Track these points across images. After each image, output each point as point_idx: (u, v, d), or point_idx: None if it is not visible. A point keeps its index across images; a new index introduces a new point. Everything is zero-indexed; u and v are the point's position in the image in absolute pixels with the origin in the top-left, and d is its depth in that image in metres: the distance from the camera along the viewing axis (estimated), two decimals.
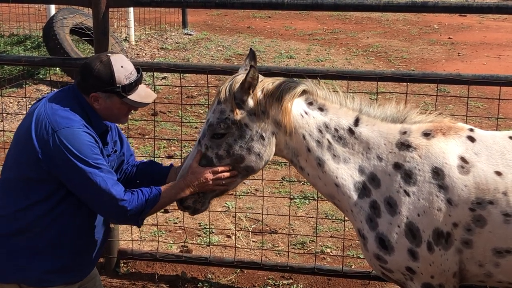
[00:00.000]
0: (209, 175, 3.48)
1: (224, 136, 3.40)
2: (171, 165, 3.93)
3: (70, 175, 3.39)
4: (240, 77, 3.45)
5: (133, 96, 3.51)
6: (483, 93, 9.76)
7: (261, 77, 3.47)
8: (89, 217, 3.57)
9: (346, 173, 3.45)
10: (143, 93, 3.56)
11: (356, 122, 3.48)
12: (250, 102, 3.40)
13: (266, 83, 3.44)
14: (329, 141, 3.45)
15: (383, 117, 3.51)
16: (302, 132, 3.44)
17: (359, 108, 3.52)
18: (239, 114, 3.38)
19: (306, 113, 3.46)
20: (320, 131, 3.45)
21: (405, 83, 4.89)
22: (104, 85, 3.46)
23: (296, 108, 3.44)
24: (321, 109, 3.49)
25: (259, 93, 3.41)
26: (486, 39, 13.90)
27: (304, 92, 3.48)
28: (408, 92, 4.80)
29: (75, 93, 3.55)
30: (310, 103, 3.49)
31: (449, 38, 14.03)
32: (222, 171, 3.48)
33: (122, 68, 3.48)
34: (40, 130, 3.40)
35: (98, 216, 3.62)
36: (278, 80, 3.48)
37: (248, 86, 3.37)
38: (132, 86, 3.50)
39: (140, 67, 3.67)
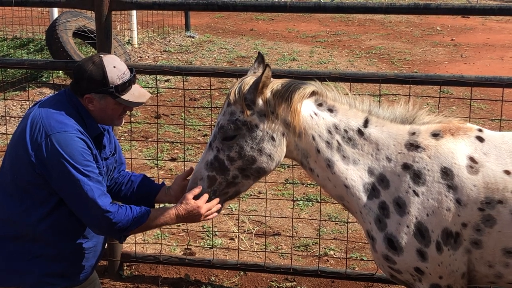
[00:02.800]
0: (202, 210, 3.49)
1: (235, 138, 3.41)
2: (163, 183, 3.91)
3: (59, 180, 3.38)
4: (249, 78, 3.46)
5: (126, 96, 3.50)
6: (486, 94, 9.75)
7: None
8: None
9: (356, 174, 3.46)
10: (136, 93, 3.55)
11: (366, 123, 3.48)
12: (260, 103, 3.41)
13: (275, 84, 3.45)
14: (338, 142, 3.46)
15: (392, 118, 3.51)
16: (311, 133, 3.45)
17: (369, 109, 3.52)
18: (249, 115, 3.39)
19: (315, 114, 3.47)
20: (330, 132, 3.46)
21: (408, 85, 4.89)
22: (97, 86, 3.45)
23: (306, 109, 3.45)
24: (330, 110, 3.49)
25: (268, 94, 3.42)
26: (489, 41, 13.89)
27: (313, 93, 3.49)
28: (411, 94, 4.80)
29: (70, 96, 3.54)
30: (320, 104, 3.50)
31: (452, 39, 14.02)
32: (213, 206, 3.51)
33: (115, 68, 3.47)
34: (34, 133, 3.40)
35: None
36: (287, 81, 3.48)
37: (262, 85, 3.38)
38: (125, 86, 3.49)
39: (134, 68, 3.67)
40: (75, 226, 3.53)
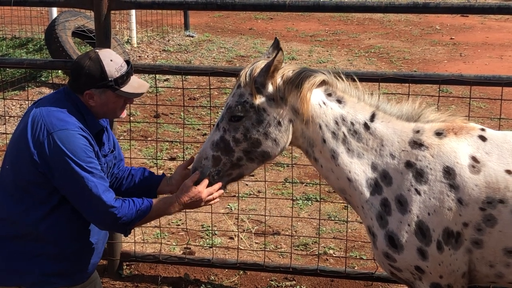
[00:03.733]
0: (203, 195, 3.51)
1: (241, 119, 3.42)
2: (163, 174, 3.92)
3: (63, 178, 3.38)
4: (261, 62, 3.47)
5: (126, 88, 3.52)
6: (485, 93, 9.75)
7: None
8: (86, 220, 3.56)
9: (359, 168, 3.47)
10: (136, 84, 3.57)
11: (372, 117, 3.50)
12: (270, 87, 3.42)
13: (286, 70, 3.47)
14: (344, 134, 3.47)
15: (398, 115, 3.52)
16: (319, 122, 3.46)
17: (376, 104, 3.53)
18: (258, 99, 3.41)
19: (324, 103, 3.48)
20: (337, 123, 3.47)
21: (407, 84, 4.89)
22: (96, 81, 3.46)
23: (315, 98, 3.46)
24: (339, 101, 3.51)
25: (278, 79, 3.43)
26: (488, 40, 13.88)
27: (323, 82, 3.50)
28: (410, 93, 4.80)
29: (68, 94, 3.54)
30: (329, 94, 3.51)
31: (451, 38, 14.02)
32: (214, 190, 3.53)
33: (112, 61, 3.48)
34: (36, 132, 3.40)
35: None
36: (298, 68, 3.50)
37: (273, 69, 3.39)
38: (124, 78, 3.50)
39: (130, 60, 3.67)
40: (76, 225, 3.53)
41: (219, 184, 3.54)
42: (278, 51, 3.38)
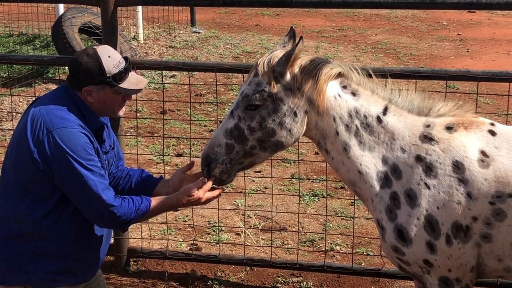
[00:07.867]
0: (202, 200, 3.56)
1: (258, 108, 3.42)
2: (161, 177, 3.92)
3: (62, 175, 3.38)
4: (279, 51, 3.47)
5: (124, 84, 3.51)
6: (493, 89, 9.72)
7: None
8: None
9: (370, 162, 3.47)
10: (134, 80, 3.56)
11: (385, 111, 3.50)
12: (288, 77, 3.42)
13: (304, 60, 3.47)
14: (357, 127, 3.47)
15: (410, 108, 3.53)
16: (333, 114, 3.46)
17: (389, 98, 3.54)
18: (276, 88, 3.41)
19: (339, 95, 3.49)
20: (350, 115, 3.48)
21: (414, 80, 4.88)
22: (95, 77, 3.45)
23: (331, 90, 3.47)
24: (353, 93, 3.51)
25: (296, 69, 3.43)
26: (495, 35, 13.84)
27: (339, 74, 3.50)
28: (417, 89, 4.79)
29: (68, 91, 3.54)
30: (344, 87, 3.52)
31: (458, 34, 13.98)
32: (213, 196, 3.59)
33: (110, 58, 3.48)
34: (35, 130, 3.40)
35: None
36: (314, 58, 3.50)
37: (294, 58, 3.39)
38: (122, 75, 3.49)
39: (129, 56, 3.66)
40: (79, 222, 3.52)
41: (219, 190, 3.60)
42: (299, 39, 3.37)
